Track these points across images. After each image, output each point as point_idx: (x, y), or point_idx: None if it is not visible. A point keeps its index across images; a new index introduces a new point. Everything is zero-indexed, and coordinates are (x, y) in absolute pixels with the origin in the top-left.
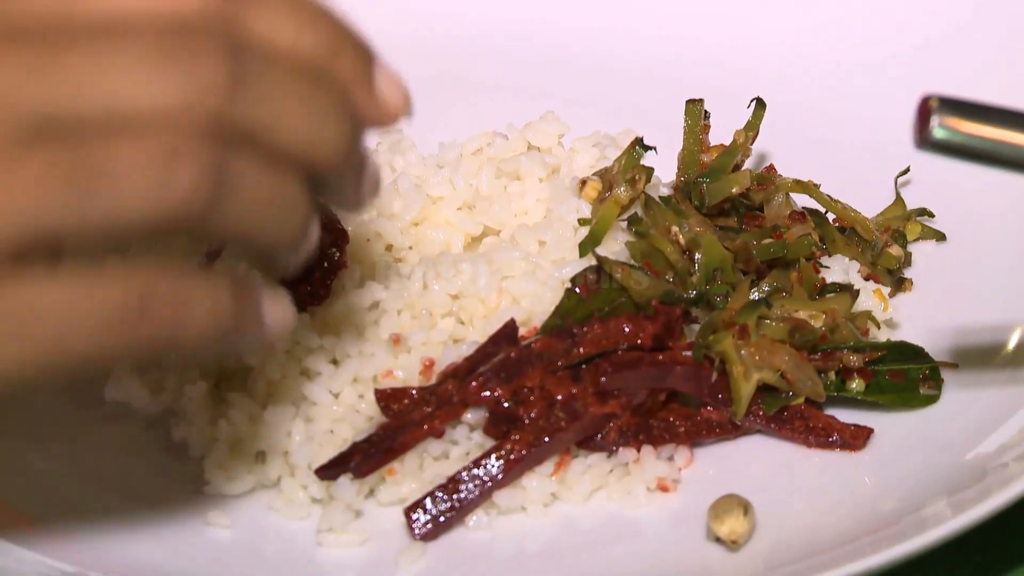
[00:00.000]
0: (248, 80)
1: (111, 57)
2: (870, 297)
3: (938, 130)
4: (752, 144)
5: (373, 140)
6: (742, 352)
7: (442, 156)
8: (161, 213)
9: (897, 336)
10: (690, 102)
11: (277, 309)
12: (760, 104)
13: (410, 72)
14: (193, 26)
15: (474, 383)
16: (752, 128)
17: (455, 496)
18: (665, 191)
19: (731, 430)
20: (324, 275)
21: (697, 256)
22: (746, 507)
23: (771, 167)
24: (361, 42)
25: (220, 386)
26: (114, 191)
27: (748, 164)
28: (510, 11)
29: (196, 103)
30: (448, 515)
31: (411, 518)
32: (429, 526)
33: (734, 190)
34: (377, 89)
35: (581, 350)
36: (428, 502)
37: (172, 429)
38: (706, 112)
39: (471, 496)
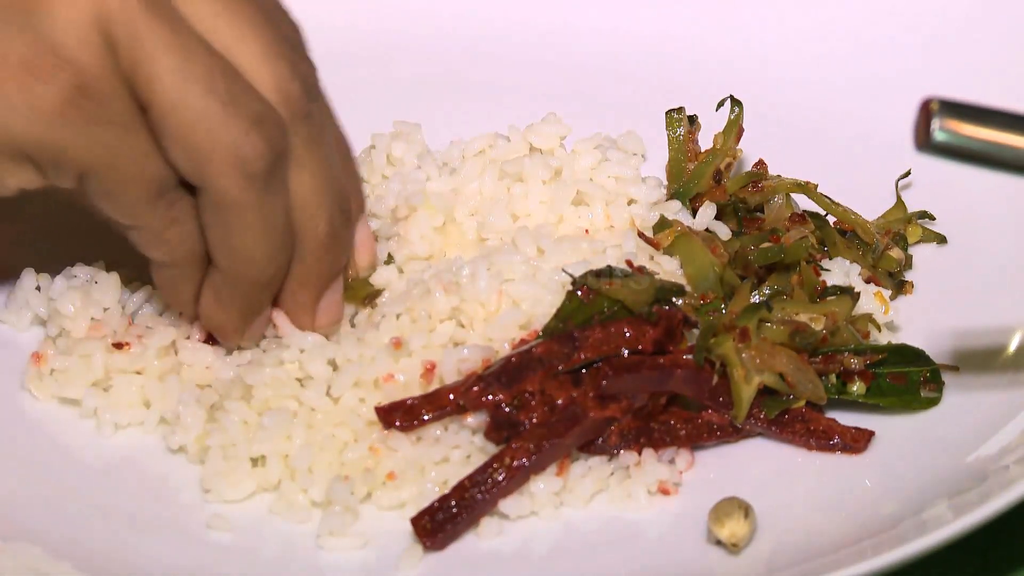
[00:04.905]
0: (312, 133)
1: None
2: (871, 300)
3: (939, 133)
4: (738, 144)
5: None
6: (743, 355)
7: (444, 157)
8: (216, 151)
9: (898, 339)
10: (669, 112)
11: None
12: (735, 102)
13: (411, 73)
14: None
15: (475, 388)
16: (732, 129)
17: (462, 505)
18: (662, 191)
19: (732, 433)
20: None
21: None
22: (747, 510)
23: (760, 161)
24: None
25: (216, 390)
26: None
27: (746, 165)
28: (511, 12)
29: (289, 95)
30: (456, 524)
31: (419, 527)
32: (437, 535)
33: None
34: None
35: (582, 355)
36: (435, 511)
37: (166, 437)
38: (691, 118)
39: (478, 505)
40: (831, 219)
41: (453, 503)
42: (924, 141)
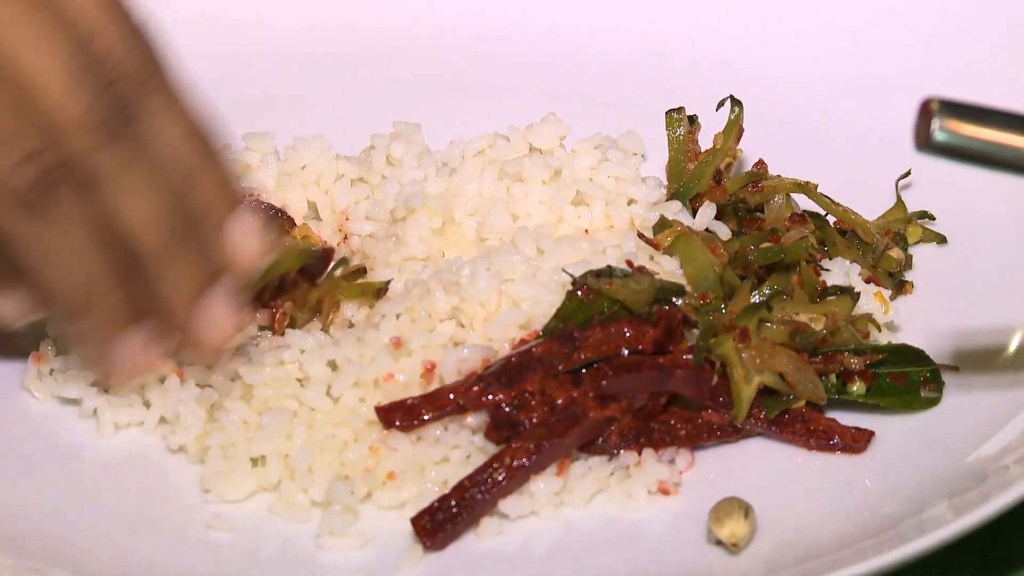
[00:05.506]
0: (125, 153)
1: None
2: (871, 300)
3: (939, 133)
4: (738, 144)
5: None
6: (743, 355)
7: (444, 157)
8: None
9: (898, 339)
10: (669, 112)
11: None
12: (735, 102)
13: (411, 73)
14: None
15: (475, 388)
16: (732, 129)
17: (462, 505)
18: (662, 191)
19: (732, 433)
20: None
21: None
22: (747, 510)
23: (760, 161)
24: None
25: (216, 390)
26: None
27: (746, 165)
28: (511, 12)
29: (91, 122)
30: (456, 524)
31: (419, 527)
32: (437, 535)
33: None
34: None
35: (582, 355)
36: (435, 511)
37: (166, 437)
38: (691, 118)
39: (478, 505)
40: (831, 219)
41: (453, 503)
42: (924, 141)
